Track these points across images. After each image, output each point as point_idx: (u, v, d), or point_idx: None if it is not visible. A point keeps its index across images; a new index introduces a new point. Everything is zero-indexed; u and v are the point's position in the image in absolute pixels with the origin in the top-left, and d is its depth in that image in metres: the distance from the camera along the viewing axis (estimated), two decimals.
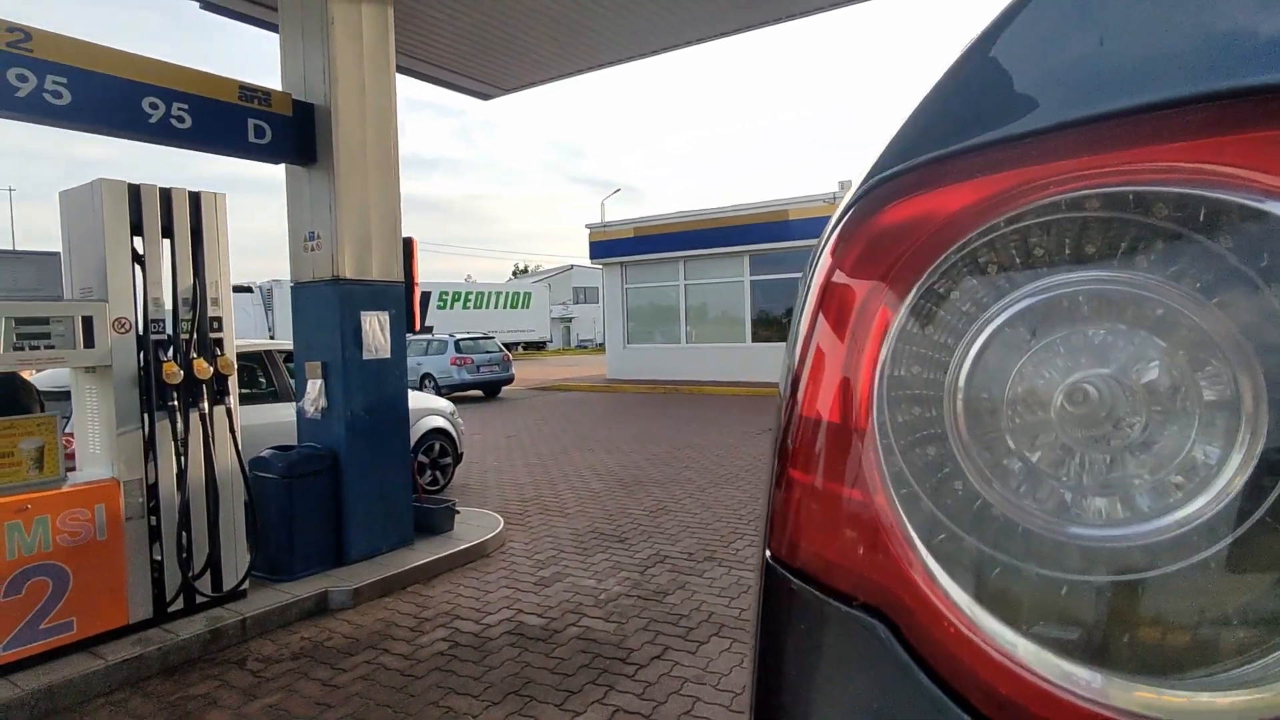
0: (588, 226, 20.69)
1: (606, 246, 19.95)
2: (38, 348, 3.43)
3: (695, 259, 18.67)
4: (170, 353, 3.88)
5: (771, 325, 17.91)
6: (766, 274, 17.66)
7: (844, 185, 16.82)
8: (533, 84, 7.77)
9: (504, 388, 18.25)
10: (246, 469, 4.22)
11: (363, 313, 4.85)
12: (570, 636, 3.78)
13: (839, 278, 0.57)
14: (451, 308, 35.76)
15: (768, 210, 17.11)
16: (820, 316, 0.58)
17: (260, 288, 26.49)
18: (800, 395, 0.58)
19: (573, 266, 62.90)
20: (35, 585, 3.37)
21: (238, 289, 23.73)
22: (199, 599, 3.95)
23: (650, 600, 4.22)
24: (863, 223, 0.57)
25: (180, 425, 3.86)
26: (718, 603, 4.16)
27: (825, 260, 0.59)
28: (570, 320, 58.45)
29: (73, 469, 3.84)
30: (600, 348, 47.86)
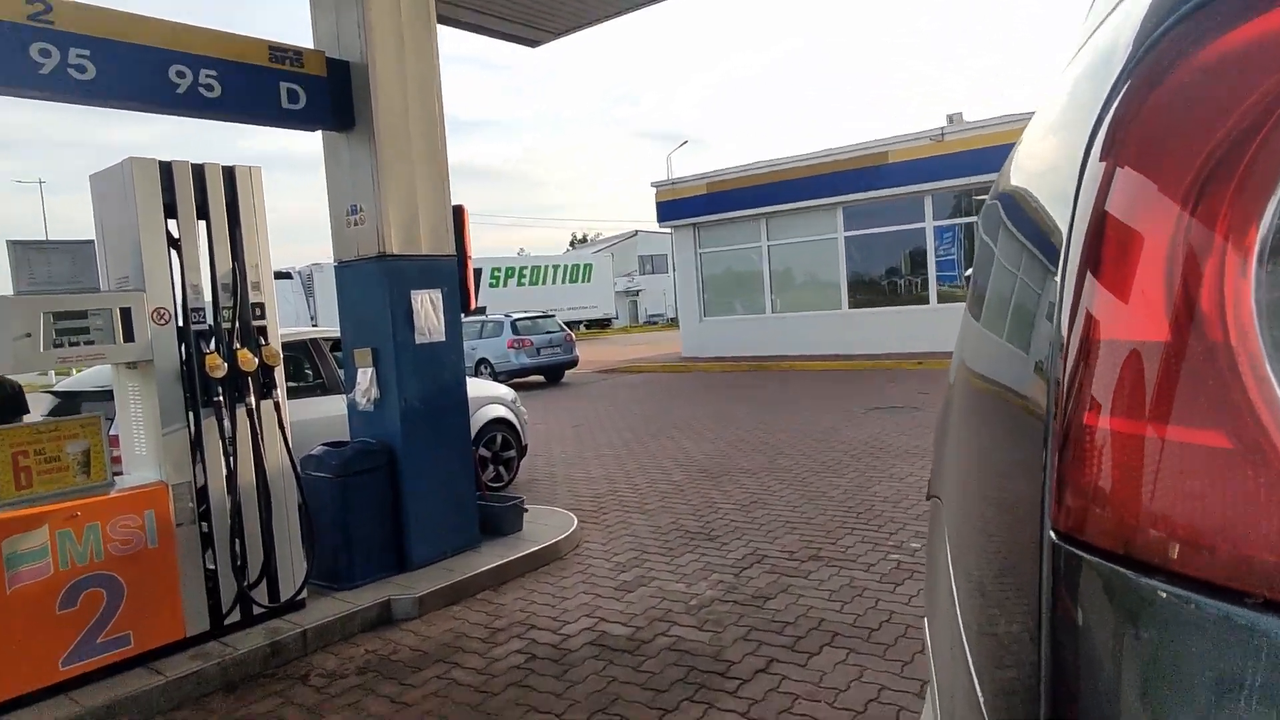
0: (654, 185, 20.60)
1: (676, 207, 19.83)
2: (77, 344, 3.61)
3: (779, 215, 18.36)
4: (212, 344, 4.02)
5: (872, 288, 17.47)
6: (864, 228, 17.21)
7: (953, 119, 16.18)
8: (585, 24, 7.71)
9: (567, 371, 18.45)
10: (298, 468, 4.36)
11: (413, 291, 4.93)
12: (660, 647, 3.77)
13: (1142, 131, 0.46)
14: (504, 285, 36.37)
15: (863, 153, 16.63)
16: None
17: (300, 273, 27.56)
18: (1097, 312, 0.47)
19: (637, 232, 62.91)
20: (90, 597, 3.58)
21: (277, 275, 24.75)
22: (256, 610, 4.12)
23: (749, 606, 4.18)
24: (1174, 72, 0.45)
25: (227, 422, 4.01)
26: (828, 608, 4.07)
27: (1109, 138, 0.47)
28: (637, 293, 58.59)
29: (119, 473, 4.05)
30: (672, 323, 47.79)
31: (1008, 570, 0.59)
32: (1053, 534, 0.51)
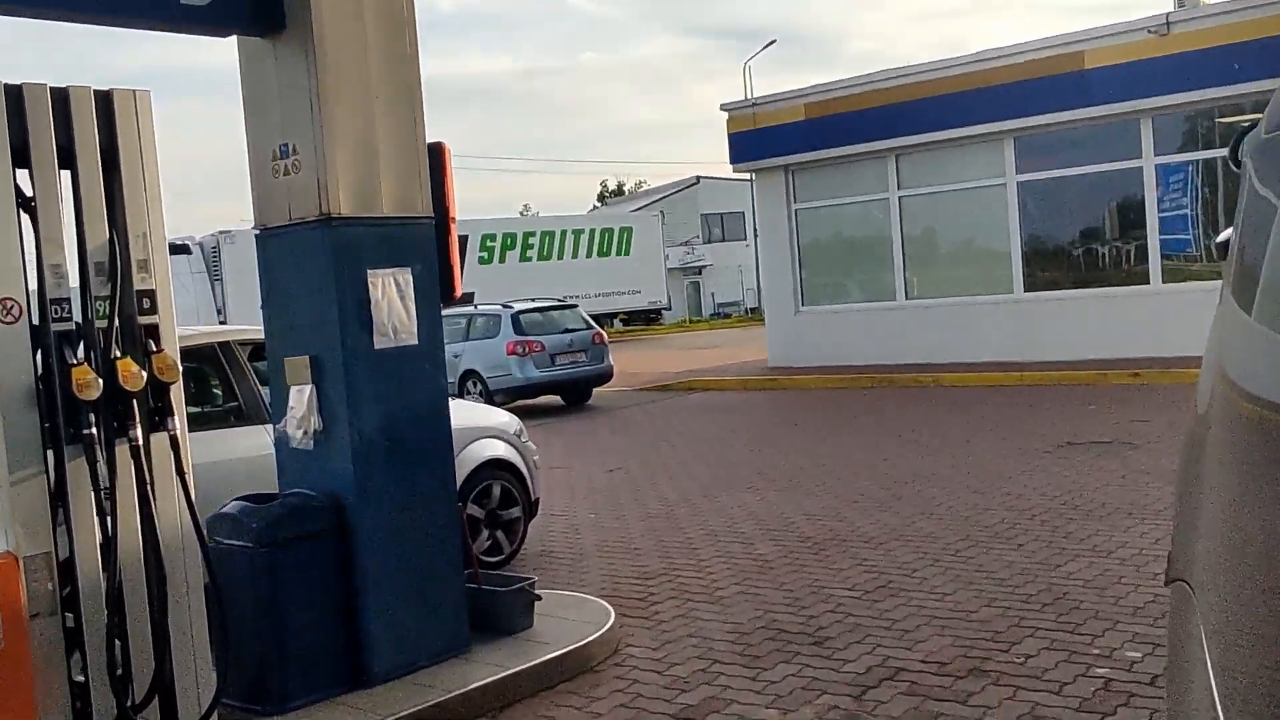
0: (725, 109, 20.67)
1: (758, 140, 19.88)
2: None
3: (916, 151, 18.30)
4: (80, 351, 4.12)
5: (1059, 261, 17.29)
6: (1046, 169, 17.03)
7: (1184, 2, 15.94)
8: None
9: (596, 389, 18.57)
10: (204, 533, 4.44)
11: (371, 272, 4.99)
12: None
13: None
14: (502, 260, 36.84)
15: (1046, 54, 16.48)
16: None
17: (202, 245, 28.20)
18: None
19: (699, 180, 63.13)
20: None
21: (172, 249, 25.38)
22: None
23: None
24: None
25: (103, 466, 4.10)
26: None
27: None
28: (699, 271, 58.74)
29: None
30: (753, 316, 47.78)
31: None
32: None
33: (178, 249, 25.91)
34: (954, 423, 12.46)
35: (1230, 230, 1.32)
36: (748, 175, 21.24)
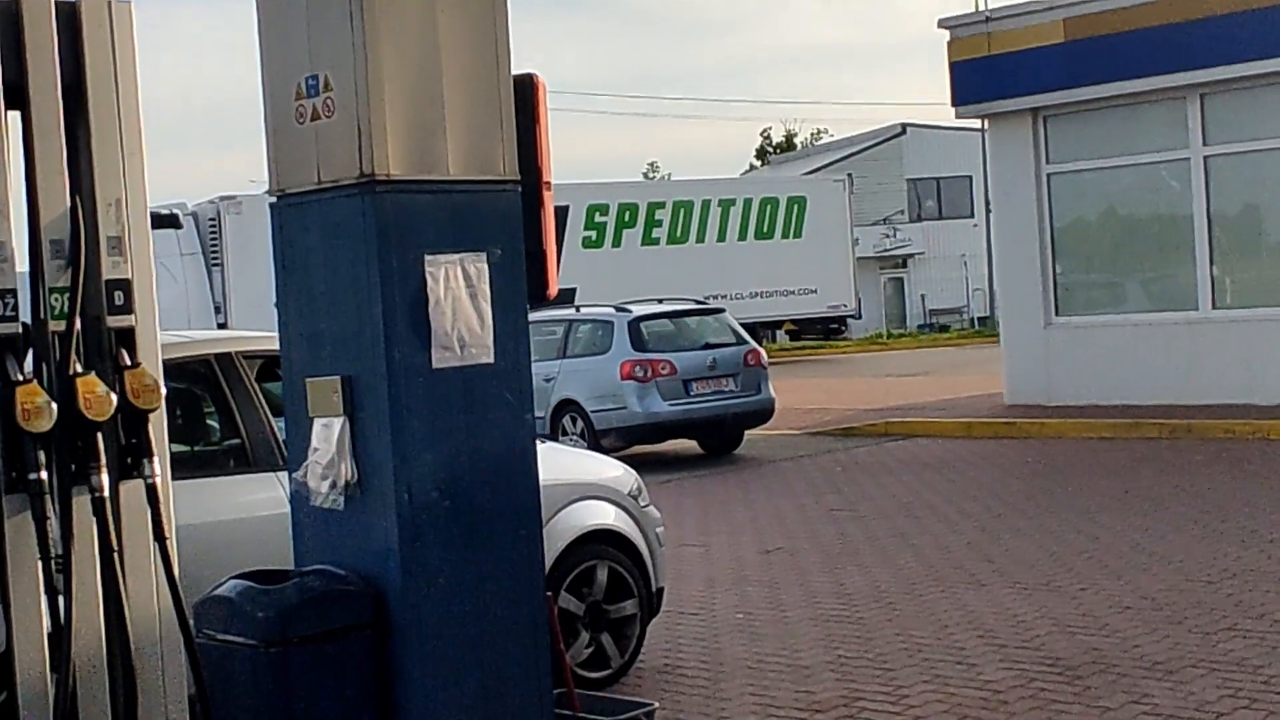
0: (944, 25, 20.55)
1: (994, 73, 19.75)
2: None
3: (1231, 90, 17.92)
4: (30, 363, 4.27)
5: None
6: None
7: None
8: None
9: (748, 430, 18.52)
10: (190, 625, 4.55)
11: (430, 258, 5.06)
12: None
13: None
14: (616, 243, 37.05)
15: None
16: None
17: (196, 215, 28.88)
18: None
19: (904, 130, 62.75)
20: None
21: (155, 221, 26.11)
22: None
23: None
24: None
25: (54, 524, 4.24)
26: None
27: None
28: (904, 262, 58.23)
29: None
30: (983, 330, 47.27)
31: None
32: None
33: (163, 221, 26.55)
34: None
35: None
36: (978, 122, 21.03)
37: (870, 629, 8.31)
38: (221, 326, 25.11)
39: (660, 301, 19.83)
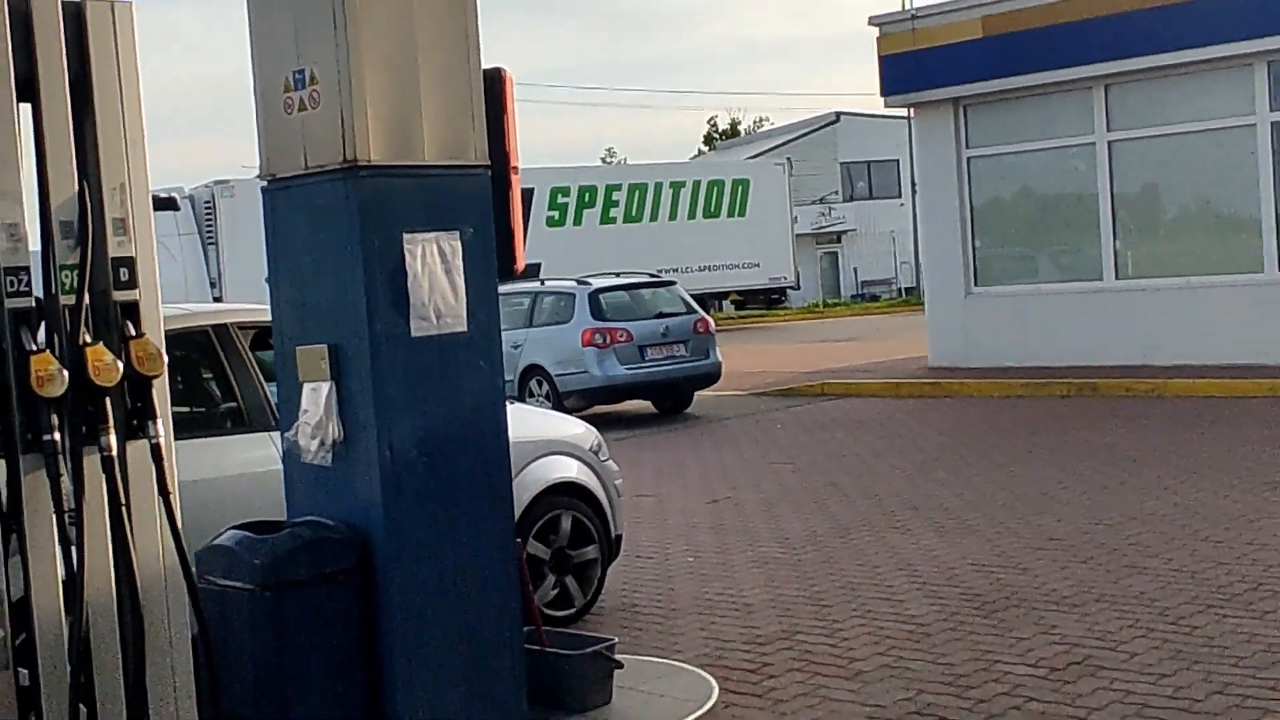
0: (874, 22, 20.56)
1: (919, 66, 19.77)
2: None
3: (1132, 80, 18.00)
4: (41, 335, 4.26)
5: None
6: None
7: None
8: None
9: (698, 391, 18.57)
10: (192, 570, 4.56)
11: (408, 236, 5.07)
12: None
13: None
14: (578, 222, 37.01)
15: None
16: None
17: (193, 198, 28.73)
18: None
19: (837, 118, 62.77)
20: None
21: (155, 204, 25.94)
22: None
23: None
24: None
25: (67, 480, 4.23)
26: None
27: None
28: (838, 238, 58.37)
29: None
30: (909, 299, 47.46)
31: None
32: None
33: (162, 204, 26.42)
34: (1179, 445, 12.27)
35: None
36: (904, 111, 21.05)
37: (807, 570, 8.37)
38: (216, 300, 24.96)
39: (618, 275, 19.81)
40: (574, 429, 7.99)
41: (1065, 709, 5.55)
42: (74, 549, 4.24)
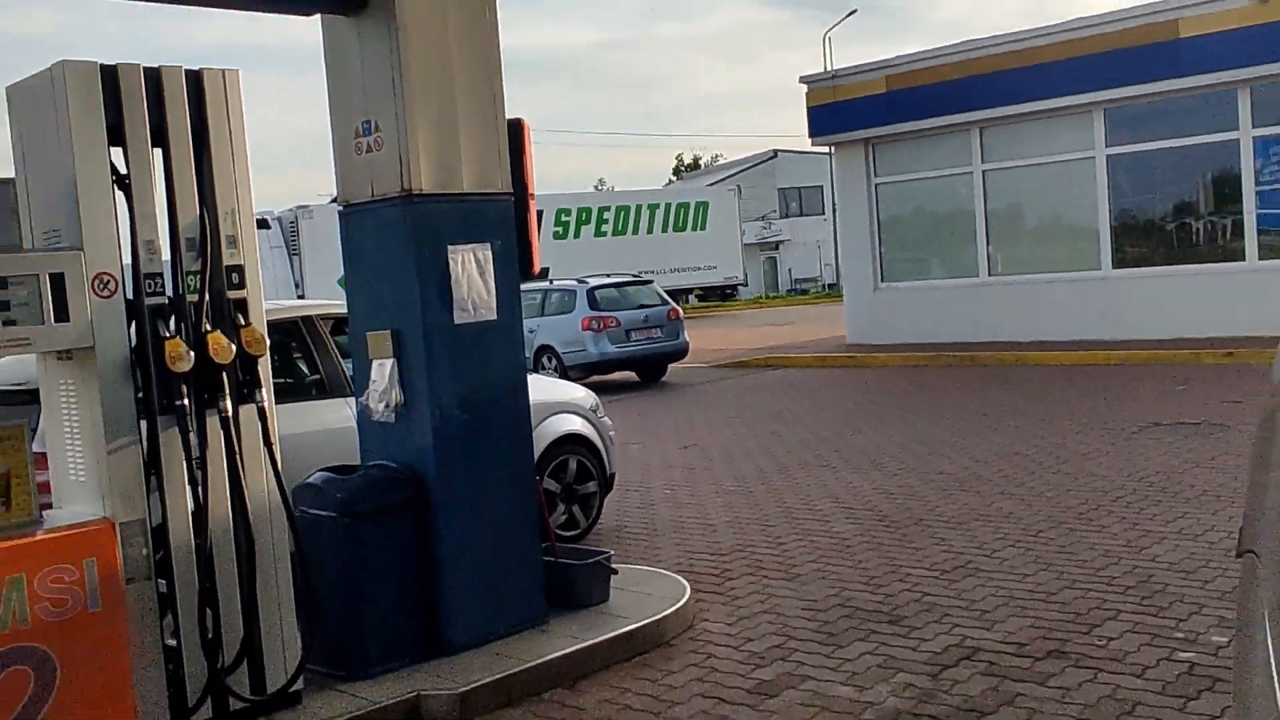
0: (804, 81, 20.52)
1: (838, 114, 19.73)
2: None
3: (1001, 124, 18.03)
4: (173, 325, 4.29)
5: (1150, 237, 16.96)
6: (1137, 142, 16.69)
7: None
8: None
9: (671, 365, 18.63)
10: (290, 503, 4.60)
11: (451, 248, 5.11)
12: None
13: None
14: (576, 235, 36.94)
15: (1138, 23, 16.12)
16: None
17: (280, 220, 28.65)
18: None
19: (775, 154, 62.72)
20: (12, 678, 3.88)
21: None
22: (234, 704, 4.38)
23: None
24: None
25: (194, 436, 4.27)
26: None
27: None
28: (777, 246, 58.39)
29: (48, 505, 4.36)
30: (831, 292, 47.45)
31: None
32: None
33: (259, 224, 26.39)
34: (1037, 402, 12.33)
35: None
36: (827, 149, 21.08)
37: (757, 498, 8.42)
38: (300, 299, 24.93)
39: (608, 276, 19.79)
40: (577, 393, 8.02)
41: (952, 601, 5.63)
42: (199, 487, 4.29)
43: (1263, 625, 0.93)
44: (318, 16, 5.28)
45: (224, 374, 4.35)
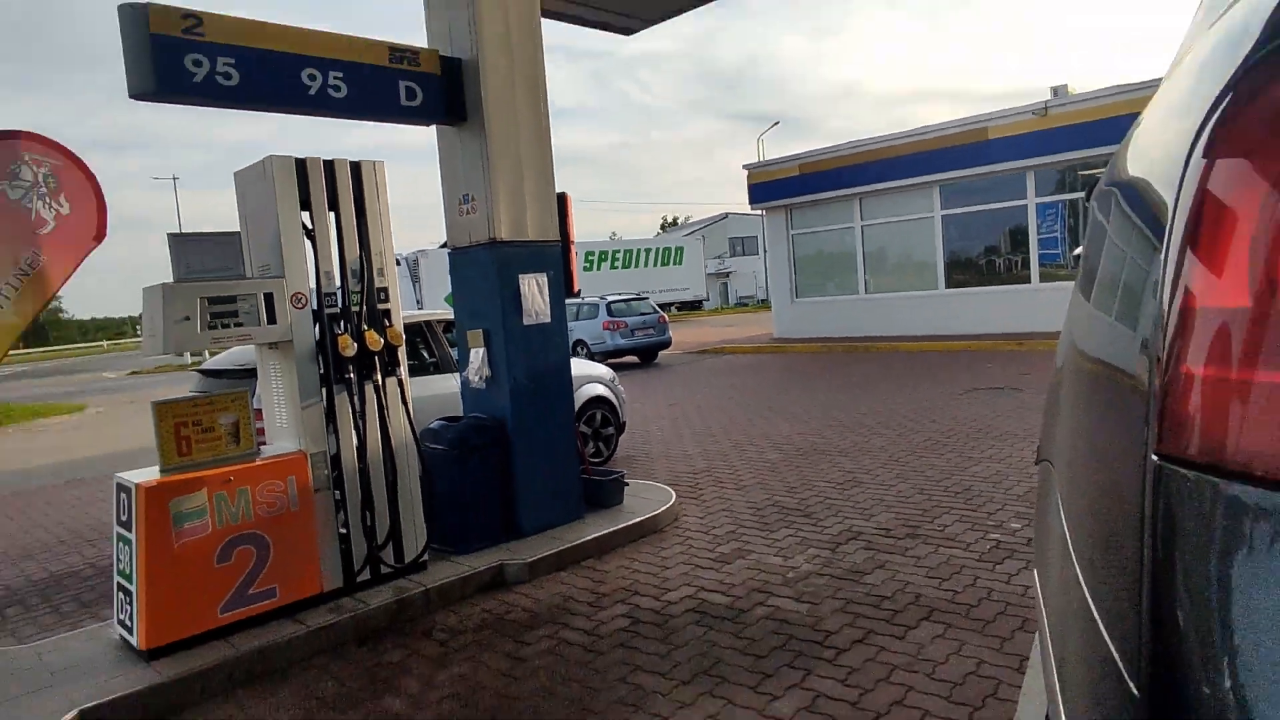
0: (745, 167, 20.43)
1: (768, 189, 19.62)
2: (229, 325, 3.94)
3: (874, 195, 17.94)
4: (343, 326, 4.31)
5: (970, 268, 16.90)
6: (962, 206, 16.65)
7: (1058, 91, 15.41)
8: (678, 10, 7.73)
9: (660, 352, 18.61)
10: (419, 441, 4.62)
11: (521, 275, 5.12)
12: (759, 616, 3.85)
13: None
14: (598, 269, 36.76)
15: (961, 130, 16.06)
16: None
17: (406, 259, 28.62)
18: (1195, 287, 0.59)
19: (727, 215, 62.35)
20: (242, 553, 3.92)
21: None
22: (384, 569, 4.42)
23: (846, 580, 4.21)
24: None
25: (356, 398, 4.29)
26: (926, 584, 4.07)
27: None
28: (728, 275, 58.19)
29: (263, 443, 4.39)
30: (764, 305, 47.31)
31: (1113, 500, 0.67)
32: (1155, 457, 0.63)
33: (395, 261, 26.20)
34: (898, 376, 12.34)
35: (1081, 247, 1.38)
36: (761, 212, 21.02)
37: (718, 439, 8.44)
38: (419, 310, 24.83)
39: (619, 294, 19.77)
40: (602, 370, 8.03)
41: (844, 503, 5.64)
42: (360, 431, 4.31)
43: (1058, 515, 0.96)
44: (434, 127, 5.28)
45: (376, 358, 4.37)
